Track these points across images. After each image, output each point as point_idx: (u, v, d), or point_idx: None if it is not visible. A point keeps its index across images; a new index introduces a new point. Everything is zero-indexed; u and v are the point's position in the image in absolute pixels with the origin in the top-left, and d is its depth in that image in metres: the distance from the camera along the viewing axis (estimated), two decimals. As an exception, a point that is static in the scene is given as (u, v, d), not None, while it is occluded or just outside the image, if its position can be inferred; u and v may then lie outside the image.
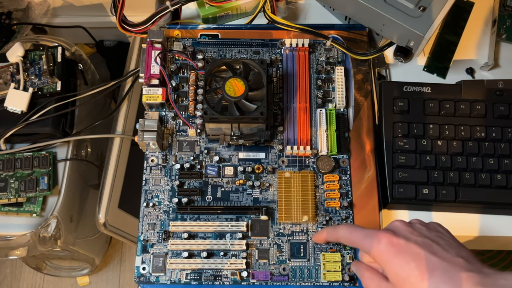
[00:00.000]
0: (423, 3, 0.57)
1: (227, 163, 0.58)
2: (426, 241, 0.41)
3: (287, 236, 0.55)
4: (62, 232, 0.69)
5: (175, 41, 0.62)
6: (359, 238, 0.45)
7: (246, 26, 0.66)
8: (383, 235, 0.42)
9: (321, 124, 0.58)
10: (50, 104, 0.64)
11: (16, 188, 0.64)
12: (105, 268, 1.23)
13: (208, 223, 0.55)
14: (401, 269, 0.40)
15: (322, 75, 0.62)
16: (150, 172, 0.57)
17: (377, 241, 0.42)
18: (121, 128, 0.69)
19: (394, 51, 0.66)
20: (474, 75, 0.66)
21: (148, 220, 0.56)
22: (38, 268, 1.12)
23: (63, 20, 0.80)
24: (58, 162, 0.68)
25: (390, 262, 0.41)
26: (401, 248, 0.41)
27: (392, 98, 0.61)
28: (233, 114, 0.53)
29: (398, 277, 0.40)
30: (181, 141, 0.59)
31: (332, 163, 0.57)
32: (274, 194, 0.57)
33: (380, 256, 0.42)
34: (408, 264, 0.40)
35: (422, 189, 0.57)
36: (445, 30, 0.67)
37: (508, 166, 0.58)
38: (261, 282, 0.53)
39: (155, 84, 0.58)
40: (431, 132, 0.59)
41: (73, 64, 0.72)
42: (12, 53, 0.66)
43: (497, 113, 0.60)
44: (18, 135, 0.65)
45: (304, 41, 0.62)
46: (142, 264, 0.54)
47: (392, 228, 0.44)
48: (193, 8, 0.70)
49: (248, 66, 0.55)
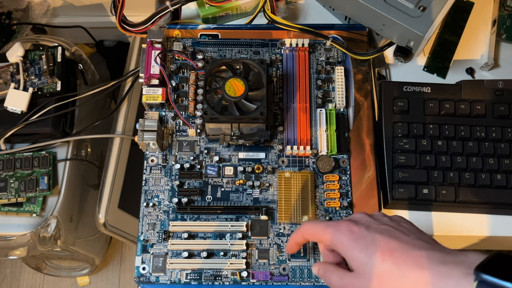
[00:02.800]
0: (423, 3, 0.57)
1: (227, 163, 0.58)
2: (387, 228, 0.41)
3: (287, 236, 0.55)
4: (62, 232, 0.69)
5: (175, 41, 0.62)
6: (320, 230, 0.44)
7: (246, 26, 0.66)
8: (343, 224, 0.42)
9: (321, 124, 0.58)
10: (50, 104, 0.64)
11: (16, 188, 0.64)
12: (105, 268, 1.23)
13: (208, 223, 0.55)
14: (362, 254, 0.40)
15: (322, 75, 0.62)
16: (150, 172, 0.57)
17: (336, 229, 0.42)
18: (121, 128, 0.69)
19: (394, 51, 0.66)
20: (474, 75, 0.66)
21: (148, 220, 0.56)
22: (38, 268, 1.12)
23: (63, 20, 0.80)
24: (58, 162, 0.68)
25: (350, 248, 0.41)
26: (361, 235, 0.41)
27: (392, 98, 0.61)
28: (233, 114, 0.53)
29: (359, 262, 0.40)
30: (181, 141, 0.59)
31: (332, 163, 0.57)
32: (274, 194, 0.57)
33: (340, 244, 0.42)
34: (368, 248, 0.40)
35: (422, 189, 0.57)
36: (445, 30, 0.67)
37: (508, 166, 0.58)
38: (261, 282, 0.53)
39: (155, 84, 0.58)
40: (431, 132, 0.59)
41: (73, 64, 0.72)
42: (12, 53, 0.66)
43: (497, 113, 0.60)
44: (18, 135, 0.65)
45: (304, 41, 0.62)
46: (142, 264, 0.54)
47: (353, 219, 0.44)
48: (193, 8, 0.70)
49: (248, 66, 0.55)
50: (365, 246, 0.40)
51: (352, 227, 0.42)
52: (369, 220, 0.43)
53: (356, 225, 0.42)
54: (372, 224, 0.42)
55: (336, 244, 0.42)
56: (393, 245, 0.39)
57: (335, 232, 0.42)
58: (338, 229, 0.42)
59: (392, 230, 0.41)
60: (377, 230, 0.41)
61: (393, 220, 0.43)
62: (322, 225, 0.44)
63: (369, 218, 0.43)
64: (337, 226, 0.42)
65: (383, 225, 0.42)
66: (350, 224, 0.42)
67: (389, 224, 0.42)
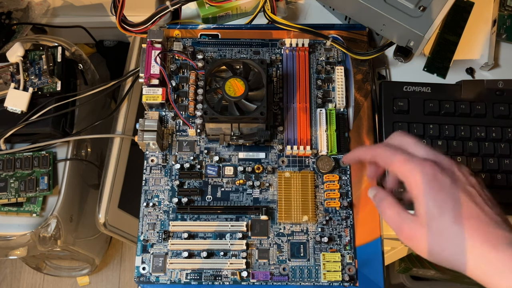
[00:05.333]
0: (423, 3, 0.57)
1: (227, 163, 0.58)
2: (472, 190, 0.38)
3: (287, 236, 0.55)
4: (62, 232, 0.69)
5: (175, 41, 0.62)
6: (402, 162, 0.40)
7: (246, 26, 0.66)
8: (428, 165, 0.39)
9: (321, 124, 0.58)
10: (50, 104, 0.64)
11: (16, 188, 0.64)
12: (105, 268, 1.23)
13: (208, 223, 0.55)
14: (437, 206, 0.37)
15: (322, 75, 0.62)
16: (150, 172, 0.57)
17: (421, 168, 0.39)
18: (121, 128, 0.69)
19: (394, 51, 0.66)
20: (474, 75, 0.66)
21: (148, 220, 0.56)
22: (38, 268, 1.12)
23: (63, 20, 0.80)
24: (58, 162, 0.68)
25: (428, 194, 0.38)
26: (445, 186, 0.38)
27: (392, 98, 0.61)
28: (233, 114, 0.53)
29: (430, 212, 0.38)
30: (181, 141, 0.59)
31: (332, 163, 0.57)
32: (274, 194, 0.57)
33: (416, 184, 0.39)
34: (446, 204, 0.37)
35: (422, 189, 0.57)
36: (445, 30, 0.67)
37: (508, 166, 0.58)
38: (261, 282, 0.53)
39: (155, 84, 0.58)
40: (431, 132, 0.59)
41: (73, 64, 0.72)
42: (12, 53, 0.66)
43: (497, 113, 0.60)
44: (18, 135, 0.65)
45: (304, 41, 0.62)
46: (142, 264, 0.54)
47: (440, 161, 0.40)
48: (193, 8, 0.70)
49: (248, 66, 0.55)
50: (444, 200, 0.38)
51: (437, 174, 0.38)
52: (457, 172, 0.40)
53: (442, 173, 0.39)
54: (459, 179, 0.39)
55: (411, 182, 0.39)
56: (472, 212, 0.37)
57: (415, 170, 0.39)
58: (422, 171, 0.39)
59: (476, 195, 0.38)
60: (463, 189, 0.38)
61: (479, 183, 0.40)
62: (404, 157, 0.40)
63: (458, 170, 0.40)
64: (421, 165, 0.39)
65: (469, 185, 0.39)
66: (436, 168, 0.39)
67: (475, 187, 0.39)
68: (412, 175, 0.39)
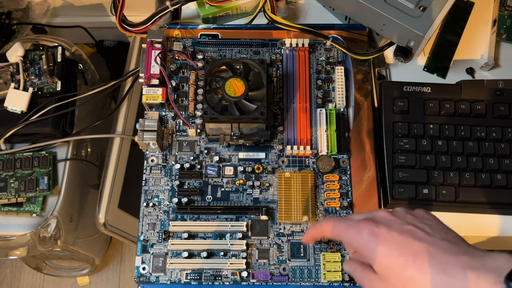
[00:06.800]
0: (423, 3, 0.57)
1: (227, 163, 0.58)
2: (409, 228, 0.39)
3: (287, 236, 0.55)
4: (62, 232, 0.69)
5: (175, 41, 0.62)
6: (342, 231, 0.43)
7: (246, 26, 0.66)
8: (364, 225, 0.41)
9: (321, 124, 0.58)
10: (50, 104, 0.64)
11: (16, 188, 0.64)
12: (105, 268, 1.23)
13: (208, 223, 0.55)
14: (385, 258, 0.38)
15: (322, 75, 0.62)
16: (150, 172, 0.57)
17: (358, 232, 0.41)
18: (121, 128, 0.69)
19: (394, 51, 0.66)
20: (474, 75, 0.66)
21: (148, 220, 0.55)
22: (38, 268, 1.12)
23: (63, 20, 0.80)
24: (58, 162, 0.68)
25: (373, 252, 0.39)
26: (382, 237, 0.39)
27: (392, 98, 0.61)
28: (233, 114, 0.53)
29: (382, 267, 0.39)
30: (181, 141, 0.59)
31: (332, 163, 0.57)
32: (274, 194, 0.57)
33: (363, 247, 0.40)
34: (391, 253, 0.38)
35: (422, 189, 0.57)
36: (445, 30, 0.67)
37: (508, 166, 0.58)
38: (261, 282, 0.53)
39: (155, 84, 0.58)
40: (431, 132, 0.59)
41: (73, 64, 0.72)
42: (12, 53, 0.66)
43: (497, 113, 0.60)
44: (18, 135, 0.65)
45: (304, 41, 0.62)
46: (142, 264, 0.54)
47: (373, 218, 0.42)
48: (193, 8, 0.70)
49: (248, 66, 0.55)
50: (387, 250, 0.39)
51: (373, 228, 0.40)
52: (390, 219, 0.41)
53: (377, 226, 0.40)
54: (393, 224, 0.40)
55: (359, 248, 0.41)
56: (416, 248, 0.37)
57: (356, 235, 0.41)
58: (360, 232, 0.41)
59: (415, 230, 0.39)
60: (399, 231, 0.39)
61: (416, 217, 0.41)
62: (344, 226, 0.42)
63: (391, 216, 0.41)
64: (358, 227, 0.41)
65: (405, 224, 0.40)
66: (371, 225, 0.40)
67: (411, 223, 0.40)
68: (355, 240, 0.41)
